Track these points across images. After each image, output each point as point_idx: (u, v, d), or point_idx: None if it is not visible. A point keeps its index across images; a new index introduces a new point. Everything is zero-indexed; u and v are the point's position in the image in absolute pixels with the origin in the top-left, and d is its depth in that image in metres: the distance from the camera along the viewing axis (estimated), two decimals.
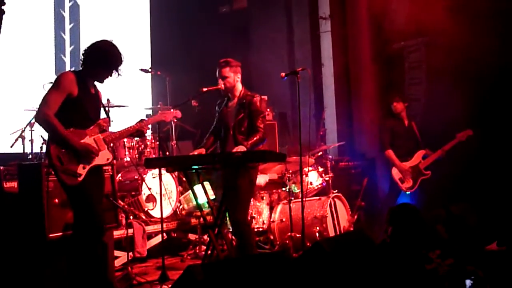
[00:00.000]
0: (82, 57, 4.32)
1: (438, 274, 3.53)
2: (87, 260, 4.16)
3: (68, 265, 4.24)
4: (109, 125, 4.52)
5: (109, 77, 4.38)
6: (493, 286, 3.58)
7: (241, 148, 4.71)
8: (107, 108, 4.56)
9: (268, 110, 7.89)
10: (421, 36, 8.11)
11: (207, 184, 6.37)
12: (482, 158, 7.01)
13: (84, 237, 4.19)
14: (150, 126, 4.79)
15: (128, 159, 6.70)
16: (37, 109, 4.20)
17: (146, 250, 6.09)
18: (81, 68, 4.35)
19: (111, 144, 6.37)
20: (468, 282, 3.50)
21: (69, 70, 4.38)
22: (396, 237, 3.95)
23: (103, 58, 4.28)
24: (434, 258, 3.61)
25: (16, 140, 5.95)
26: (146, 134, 4.92)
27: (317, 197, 6.64)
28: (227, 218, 5.50)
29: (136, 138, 6.82)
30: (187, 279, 2.92)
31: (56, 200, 4.97)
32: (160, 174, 5.77)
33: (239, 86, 5.10)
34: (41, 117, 4.12)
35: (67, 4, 8.03)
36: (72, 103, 4.17)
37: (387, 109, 7.07)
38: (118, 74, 4.37)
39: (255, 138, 4.86)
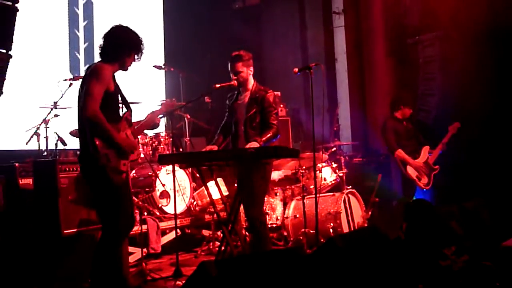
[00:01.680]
0: (101, 50, 4.14)
1: (453, 271, 3.51)
2: (114, 257, 4.08)
3: (93, 262, 4.06)
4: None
5: (133, 61, 4.22)
6: (508, 282, 3.54)
7: (254, 145, 4.65)
8: (127, 100, 4.39)
9: (282, 106, 7.88)
10: (435, 31, 8.04)
11: (220, 180, 6.39)
12: (496, 153, 6.95)
13: (119, 234, 4.10)
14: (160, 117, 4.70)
15: (142, 155, 6.71)
16: (83, 103, 3.89)
17: (160, 246, 6.12)
18: (101, 61, 4.14)
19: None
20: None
21: (102, 62, 4.10)
22: (411, 233, 3.93)
23: (124, 43, 4.12)
24: (449, 254, 3.58)
25: (31, 137, 5.99)
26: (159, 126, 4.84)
27: (331, 193, 6.62)
28: (241, 214, 5.52)
29: (150, 135, 6.86)
30: (201, 275, 2.93)
31: (71, 197, 5.01)
32: (173, 171, 5.78)
33: (251, 80, 5.04)
34: (91, 113, 3.83)
35: (81, 2, 8.06)
36: (109, 97, 3.98)
37: (394, 110, 6.98)
38: (141, 56, 4.22)
39: (268, 135, 4.81)
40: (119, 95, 4.25)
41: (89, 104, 3.85)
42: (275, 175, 6.92)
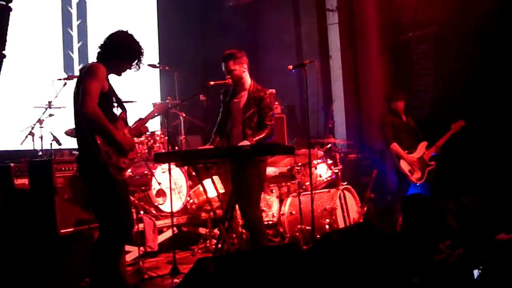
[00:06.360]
0: (100, 49, 4.13)
1: (447, 264, 3.53)
2: (112, 257, 4.01)
3: (90, 262, 4.00)
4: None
5: (128, 69, 4.22)
6: (503, 274, 3.57)
7: (246, 143, 4.67)
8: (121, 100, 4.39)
9: (277, 103, 7.89)
10: (429, 27, 8.07)
11: (216, 178, 6.39)
12: (490, 148, 7.00)
13: (119, 234, 4.04)
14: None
15: (138, 154, 6.71)
16: (81, 101, 3.82)
17: (157, 244, 6.12)
18: (96, 61, 4.12)
19: None
20: (476, 272, 3.49)
21: (97, 62, 4.08)
22: (407, 227, 3.95)
23: (125, 49, 4.12)
24: (444, 248, 3.61)
25: (26, 137, 5.99)
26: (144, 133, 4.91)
27: (327, 190, 6.64)
28: (237, 212, 5.52)
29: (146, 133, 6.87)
30: (198, 271, 2.94)
31: (67, 196, 5.00)
32: (169, 169, 5.78)
33: (247, 78, 5.04)
34: (90, 110, 3.78)
35: (74, 1, 8.05)
36: (103, 97, 3.94)
37: (388, 106, 7.06)
38: (139, 66, 4.22)
39: (261, 136, 4.83)
40: (113, 96, 4.22)
41: (88, 101, 3.80)
42: (270, 171, 6.92)
